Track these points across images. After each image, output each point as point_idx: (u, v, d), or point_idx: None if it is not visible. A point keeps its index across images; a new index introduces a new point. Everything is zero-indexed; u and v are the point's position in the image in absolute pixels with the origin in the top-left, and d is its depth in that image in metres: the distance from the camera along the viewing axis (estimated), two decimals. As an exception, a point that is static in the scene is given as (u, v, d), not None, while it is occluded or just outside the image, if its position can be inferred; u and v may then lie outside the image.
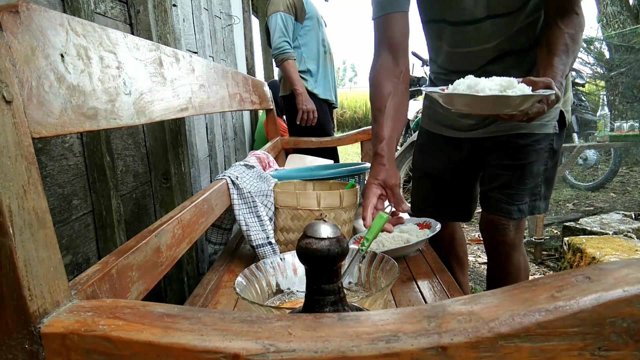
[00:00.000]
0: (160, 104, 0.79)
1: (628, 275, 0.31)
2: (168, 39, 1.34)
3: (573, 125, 4.17)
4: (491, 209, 1.22)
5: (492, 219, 1.23)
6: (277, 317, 0.35)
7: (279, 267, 0.82)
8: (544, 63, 0.93)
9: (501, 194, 1.19)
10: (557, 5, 0.98)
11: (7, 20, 0.42)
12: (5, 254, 0.37)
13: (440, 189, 1.36)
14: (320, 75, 2.54)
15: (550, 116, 1.16)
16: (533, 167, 1.17)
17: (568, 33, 0.94)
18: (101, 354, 0.35)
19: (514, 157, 1.17)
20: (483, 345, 0.30)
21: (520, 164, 1.16)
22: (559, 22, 0.96)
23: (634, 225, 2.46)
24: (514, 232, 1.22)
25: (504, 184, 1.19)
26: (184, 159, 1.43)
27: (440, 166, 1.34)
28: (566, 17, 0.96)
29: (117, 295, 0.56)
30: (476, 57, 1.14)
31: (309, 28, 2.49)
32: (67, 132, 0.50)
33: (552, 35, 0.96)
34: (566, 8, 0.97)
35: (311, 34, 2.50)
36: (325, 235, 0.45)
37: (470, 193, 1.38)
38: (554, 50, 0.93)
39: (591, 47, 5.16)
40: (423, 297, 0.93)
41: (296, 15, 2.43)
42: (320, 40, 2.54)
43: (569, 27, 0.95)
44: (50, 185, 0.85)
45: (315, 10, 2.55)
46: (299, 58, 2.48)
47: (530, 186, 1.18)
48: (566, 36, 0.94)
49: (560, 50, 0.93)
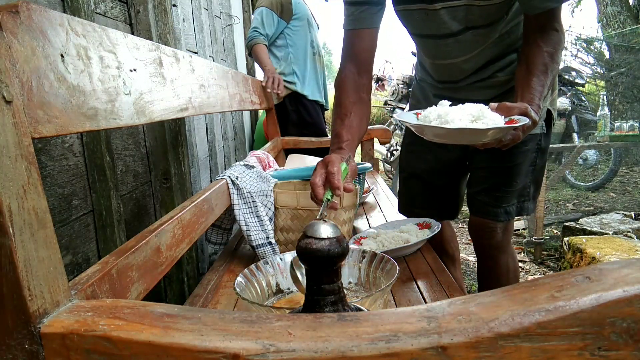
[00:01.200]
0: (160, 104, 0.79)
1: (628, 275, 0.31)
2: (168, 39, 1.34)
3: (573, 125, 4.17)
4: (478, 212, 1.22)
5: (479, 222, 1.23)
6: (277, 317, 0.35)
7: (279, 267, 0.82)
8: (522, 83, 0.92)
9: (488, 196, 1.18)
10: (537, 22, 0.96)
11: (7, 20, 0.42)
12: (5, 254, 0.37)
13: (428, 189, 1.35)
14: (309, 76, 2.54)
15: None
16: (521, 168, 1.16)
17: (547, 52, 0.93)
18: (101, 354, 0.35)
19: (501, 159, 1.16)
20: (483, 345, 0.30)
21: (507, 166, 1.15)
22: (538, 40, 0.94)
23: (634, 225, 2.46)
24: (502, 235, 1.22)
25: (491, 186, 1.18)
26: (184, 159, 1.43)
27: (428, 167, 1.33)
28: (545, 34, 0.95)
29: (117, 295, 0.56)
30: (460, 68, 1.14)
31: (298, 28, 2.49)
32: (67, 132, 0.50)
33: (531, 54, 0.94)
34: (545, 25, 0.95)
35: (300, 34, 2.50)
36: (325, 235, 0.45)
37: (457, 192, 1.37)
38: (532, 69, 0.92)
39: (591, 47, 5.16)
40: (423, 297, 0.93)
41: (281, 12, 2.43)
42: (309, 41, 2.54)
43: (548, 44, 0.94)
44: (50, 185, 0.85)
45: (307, 11, 2.55)
46: (285, 58, 2.48)
47: (518, 188, 1.18)
48: (545, 55, 0.93)
49: (538, 70, 0.91)
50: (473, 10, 1.00)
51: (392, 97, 4.96)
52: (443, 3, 1.01)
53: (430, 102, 1.29)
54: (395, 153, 4.40)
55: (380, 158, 4.41)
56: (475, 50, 1.09)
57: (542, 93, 0.90)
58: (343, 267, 0.74)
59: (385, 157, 4.56)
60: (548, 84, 0.93)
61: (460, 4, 1.00)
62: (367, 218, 1.60)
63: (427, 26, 1.09)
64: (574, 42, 4.94)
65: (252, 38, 2.40)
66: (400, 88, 4.81)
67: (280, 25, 2.45)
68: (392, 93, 4.99)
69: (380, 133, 2.47)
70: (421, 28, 1.12)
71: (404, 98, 4.76)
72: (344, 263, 0.82)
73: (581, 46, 5.03)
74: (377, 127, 2.42)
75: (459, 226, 3.27)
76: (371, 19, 1.03)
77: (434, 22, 1.06)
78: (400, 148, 3.58)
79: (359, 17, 1.03)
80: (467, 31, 1.05)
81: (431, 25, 1.08)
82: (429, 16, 1.05)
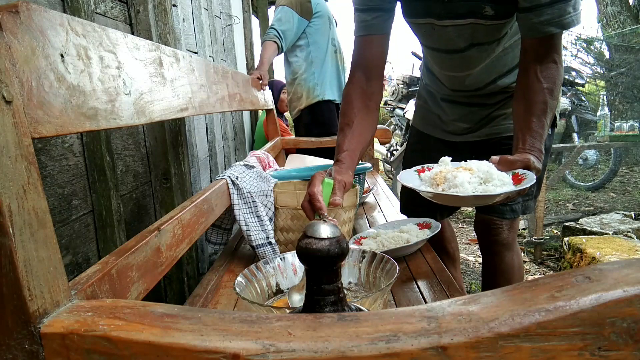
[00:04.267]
0: (160, 104, 0.79)
1: (628, 275, 0.31)
2: (168, 39, 1.34)
3: (573, 125, 4.17)
4: (485, 209, 1.24)
5: (485, 219, 1.24)
6: (277, 317, 0.35)
7: (279, 267, 0.82)
8: (523, 126, 0.89)
9: None
10: (536, 51, 0.93)
11: (7, 20, 0.42)
12: (5, 254, 0.37)
13: None
14: (329, 75, 2.54)
15: None
16: None
17: (547, 89, 0.89)
18: (101, 354, 0.35)
19: None
20: (483, 345, 0.30)
21: None
22: (538, 73, 0.91)
23: (634, 225, 2.46)
24: (507, 232, 1.23)
25: None
26: (184, 159, 1.43)
27: None
28: (545, 66, 0.91)
29: (117, 295, 0.56)
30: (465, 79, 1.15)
31: (319, 26, 2.49)
32: (67, 132, 0.50)
33: (530, 90, 0.91)
34: (544, 55, 0.92)
35: (321, 32, 2.50)
36: (325, 235, 0.45)
37: None
38: (532, 109, 0.89)
39: (591, 47, 5.16)
40: (423, 297, 0.93)
41: (301, 11, 2.43)
42: (330, 39, 2.54)
43: (548, 80, 0.90)
44: (50, 185, 0.85)
45: (327, 9, 2.55)
46: (306, 58, 2.49)
47: None
48: (545, 92, 0.89)
49: (539, 110, 0.88)
50: (479, 29, 1.01)
51: (392, 97, 4.95)
52: (451, 21, 1.01)
53: (438, 105, 1.29)
54: (395, 153, 4.40)
55: (380, 158, 4.41)
56: (480, 65, 1.10)
57: (542, 136, 0.87)
58: (343, 267, 0.74)
59: (385, 157, 4.56)
60: (548, 123, 0.89)
61: (467, 23, 1.00)
62: (367, 218, 1.60)
63: (433, 40, 1.10)
64: (574, 42, 4.94)
65: (267, 33, 2.40)
66: (400, 88, 4.81)
67: (301, 24, 2.44)
68: (392, 93, 4.99)
69: (381, 133, 2.47)
70: (428, 41, 1.13)
71: (404, 98, 4.76)
72: (344, 263, 0.82)
73: (581, 46, 5.02)
74: (377, 127, 2.42)
75: (459, 226, 3.27)
76: (382, 26, 1.03)
77: (440, 37, 1.07)
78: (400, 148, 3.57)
79: (370, 24, 1.02)
80: (472, 47, 1.06)
81: (438, 39, 1.08)
82: (435, 31, 1.05)
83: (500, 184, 0.78)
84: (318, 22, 2.48)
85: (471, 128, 1.24)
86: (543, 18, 0.88)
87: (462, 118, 1.25)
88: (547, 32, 0.90)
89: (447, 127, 1.30)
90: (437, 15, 1.01)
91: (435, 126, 1.33)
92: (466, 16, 0.99)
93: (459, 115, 1.25)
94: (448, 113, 1.28)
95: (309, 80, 2.49)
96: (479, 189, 0.77)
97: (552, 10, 0.87)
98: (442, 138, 1.32)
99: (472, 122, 1.23)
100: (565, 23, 0.88)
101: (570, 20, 0.88)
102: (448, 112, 1.27)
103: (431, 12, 1.02)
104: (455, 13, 0.99)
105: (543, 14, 0.88)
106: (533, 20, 0.89)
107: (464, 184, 0.78)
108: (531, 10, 0.89)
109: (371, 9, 1.02)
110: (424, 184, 0.85)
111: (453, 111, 1.26)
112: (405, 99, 4.74)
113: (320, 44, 2.50)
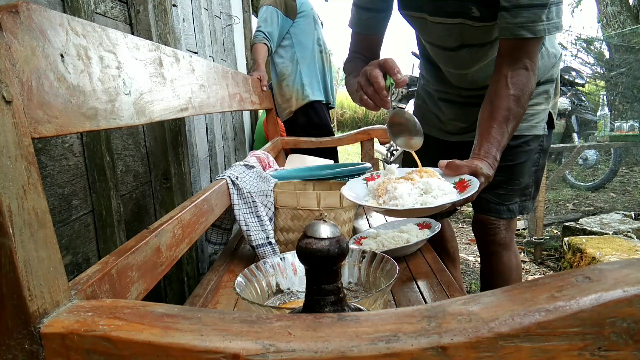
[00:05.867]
0: (160, 104, 0.79)
1: (628, 275, 0.31)
2: (168, 39, 1.34)
3: (573, 125, 4.17)
4: (482, 209, 1.24)
5: (482, 219, 1.25)
6: (277, 317, 0.35)
7: (279, 267, 0.82)
8: (483, 130, 0.89)
9: (491, 194, 1.20)
10: (508, 52, 0.92)
11: (7, 20, 0.42)
12: (5, 254, 0.37)
13: None
14: (316, 76, 2.54)
15: (539, 118, 1.18)
16: (523, 167, 1.18)
17: (513, 95, 0.89)
18: (101, 354, 0.35)
19: (504, 158, 1.17)
20: (483, 345, 0.30)
21: (510, 165, 1.17)
22: (508, 78, 0.90)
23: (634, 225, 2.46)
24: (505, 232, 1.24)
25: (494, 184, 1.19)
26: (184, 159, 1.43)
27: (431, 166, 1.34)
28: (516, 71, 0.91)
29: (117, 295, 0.56)
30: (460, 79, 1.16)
31: (304, 26, 2.49)
32: (67, 132, 0.50)
33: (496, 95, 0.90)
34: (516, 58, 0.91)
35: (306, 32, 2.50)
36: (325, 235, 0.45)
37: None
38: (495, 114, 0.88)
39: (591, 47, 5.16)
40: (423, 297, 0.93)
41: (286, 10, 2.43)
42: (315, 39, 2.54)
43: (516, 87, 0.89)
44: (50, 185, 0.85)
45: (311, 9, 2.54)
46: (292, 58, 2.48)
47: (521, 186, 1.20)
48: (511, 99, 0.88)
49: (501, 116, 0.88)
50: (468, 30, 1.01)
51: (392, 97, 4.95)
52: (441, 19, 1.02)
53: (436, 104, 1.30)
54: (395, 153, 4.40)
55: (380, 158, 4.41)
56: (473, 67, 1.11)
57: (500, 143, 0.87)
58: (343, 267, 0.74)
59: (385, 157, 4.56)
60: (509, 131, 0.89)
61: (455, 22, 1.01)
62: (367, 218, 1.60)
63: (428, 34, 1.11)
64: (574, 42, 4.94)
65: (255, 36, 2.40)
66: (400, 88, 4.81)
67: (286, 23, 2.44)
68: (392, 93, 4.99)
69: (380, 133, 2.46)
70: (423, 34, 1.14)
71: (404, 98, 4.76)
72: (344, 263, 0.82)
73: (581, 46, 5.03)
74: (377, 127, 2.42)
75: (458, 226, 3.27)
76: (376, 26, 1.05)
77: (432, 33, 1.08)
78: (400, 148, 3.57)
79: (365, 24, 1.04)
80: (462, 48, 1.07)
81: (431, 34, 1.10)
82: (428, 26, 1.07)
83: (442, 193, 0.75)
84: (302, 21, 2.48)
85: (468, 127, 1.25)
86: (517, 20, 0.88)
87: (459, 117, 1.26)
88: (518, 35, 0.89)
89: (445, 127, 1.31)
90: (428, 11, 1.03)
91: (433, 126, 1.33)
92: (455, 15, 1.00)
93: (455, 114, 1.26)
94: (445, 112, 1.28)
95: (297, 81, 2.48)
96: (419, 200, 0.75)
97: (527, 13, 0.87)
98: (441, 138, 1.33)
99: (468, 121, 1.23)
100: (536, 30, 0.88)
101: (542, 29, 0.88)
102: (445, 111, 1.28)
103: (423, 8, 1.03)
104: (445, 11, 1.00)
105: (518, 16, 0.88)
106: (508, 20, 0.89)
107: (403, 195, 0.75)
108: (508, 10, 0.89)
109: (366, 9, 1.04)
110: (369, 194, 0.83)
111: (450, 110, 1.27)
112: (405, 99, 4.74)
113: (305, 44, 2.50)
